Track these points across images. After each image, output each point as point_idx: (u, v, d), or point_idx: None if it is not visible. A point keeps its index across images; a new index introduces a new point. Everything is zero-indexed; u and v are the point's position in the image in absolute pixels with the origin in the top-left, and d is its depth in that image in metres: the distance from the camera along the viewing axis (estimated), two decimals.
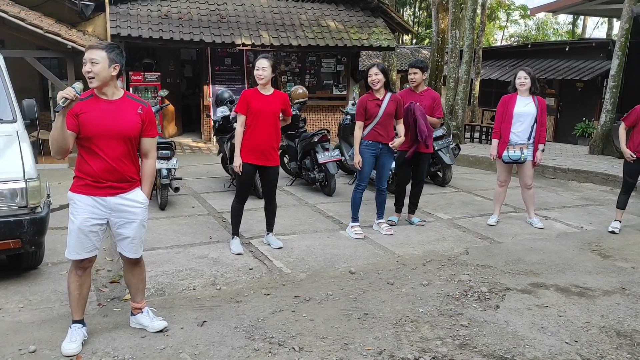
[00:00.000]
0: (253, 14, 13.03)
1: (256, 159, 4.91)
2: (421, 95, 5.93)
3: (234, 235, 5.16)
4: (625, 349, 3.39)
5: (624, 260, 5.08)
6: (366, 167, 5.51)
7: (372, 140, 5.45)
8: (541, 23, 41.16)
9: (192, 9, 12.66)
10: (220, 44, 12.00)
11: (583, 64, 14.96)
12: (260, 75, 4.85)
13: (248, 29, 12.46)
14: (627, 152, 5.83)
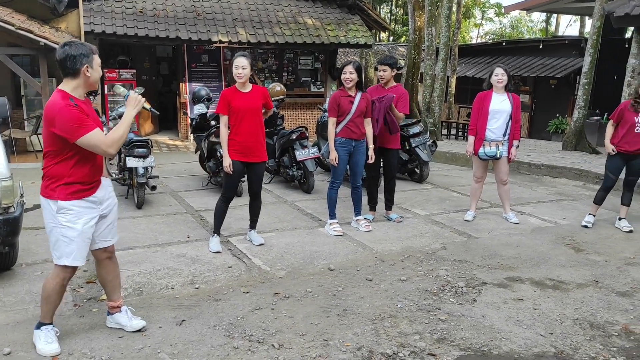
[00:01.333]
0: (230, 11, 12.94)
1: (245, 156, 4.90)
2: (389, 91, 5.92)
3: (215, 233, 5.13)
4: (599, 340, 3.47)
5: (597, 253, 5.19)
6: (340, 165, 5.54)
7: (346, 138, 5.48)
8: (515, 21, 41.67)
9: (167, 5, 12.52)
10: (196, 40, 11.90)
11: (556, 61, 15.20)
12: (240, 74, 4.82)
13: (225, 25, 12.38)
14: (610, 146, 5.93)
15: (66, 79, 3.04)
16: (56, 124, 2.90)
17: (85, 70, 3.00)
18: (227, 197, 5.06)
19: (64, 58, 2.97)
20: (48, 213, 3.10)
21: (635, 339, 3.50)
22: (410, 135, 8.13)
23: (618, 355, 3.28)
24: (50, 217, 3.10)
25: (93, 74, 3.05)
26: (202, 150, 7.75)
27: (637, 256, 5.12)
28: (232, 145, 4.89)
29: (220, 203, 5.07)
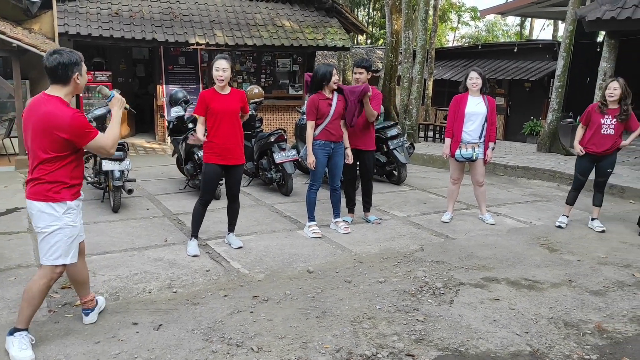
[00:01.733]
0: (207, 13, 12.88)
1: (223, 159, 4.87)
2: None
3: (193, 237, 5.09)
4: (573, 338, 3.53)
5: (571, 253, 5.29)
6: (319, 167, 5.55)
7: (325, 140, 5.50)
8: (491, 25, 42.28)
9: (143, 7, 12.40)
10: (173, 43, 11.81)
11: (531, 64, 15.46)
12: (220, 77, 4.80)
13: (202, 28, 12.31)
14: (578, 147, 6.07)
15: (56, 86, 3.13)
16: (68, 131, 3.03)
17: (75, 77, 3.14)
18: (205, 200, 5.02)
19: (55, 66, 3.07)
20: (49, 216, 3.13)
21: (608, 336, 3.57)
22: (388, 137, 8.19)
23: (592, 352, 3.35)
24: (52, 219, 3.14)
25: (82, 81, 3.19)
26: (180, 153, 7.69)
27: (610, 256, 5.23)
28: (210, 147, 4.86)
29: (198, 206, 5.03)
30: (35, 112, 3.09)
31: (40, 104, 3.10)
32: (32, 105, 3.15)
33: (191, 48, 12.30)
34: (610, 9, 9.12)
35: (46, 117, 3.04)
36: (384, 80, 15.13)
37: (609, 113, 5.83)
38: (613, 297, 4.23)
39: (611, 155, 5.94)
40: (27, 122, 3.13)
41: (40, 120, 3.05)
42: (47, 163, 3.10)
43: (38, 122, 3.06)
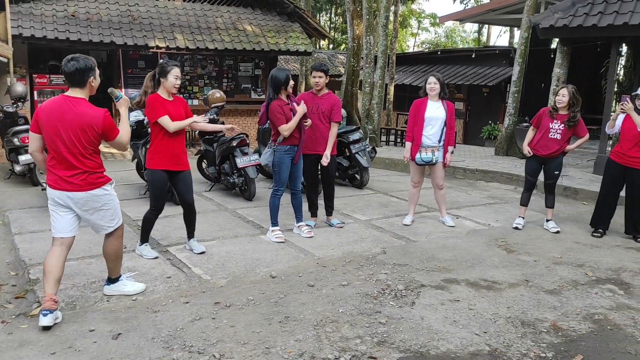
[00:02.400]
0: (167, 16, 12.72)
1: (170, 164, 4.83)
2: (322, 98, 5.97)
3: (144, 242, 5.03)
4: (529, 337, 3.63)
5: (527, 254, 5.44)
6: (285, 172, 5.55)
7: (289, 145, 5.51)
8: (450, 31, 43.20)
9: (101, 9, 12.16)
10: (132, 46, 11.62)
11: (488, 70, 15.85)
12: (177, 85, 4.81)
13: (162, 31, 12.15)
14: (526, 148, 6.28)
15: (75, 89, 3.62)
16: (102, 127, 3.64)
17: (91, 81, 3.64)
18: (157, 208, 4.95)
19: (73, 72, 3.57)
20: (104, 197, 3.80)
21: (563, 334, 3.69)
22: (350, 141, 8.25)
23: (547, 350, 3.45)
24: (108, 198, 3.84)
25: (95, 83, 3.69)
26: (139, 158, 7.55)
27: (564, 256, 5.40)
28: (158, 153, 4.80)
29: (150, 215, 4.96)
30: (66, 113, 3.55)
31: (70, 105, 3.57)
32: (55, 106, 3.58)
33: (151, 51, 12.12)
34: (563, 17, 9.44)
35: (83, 117, 3.57)
36: (346, 85, 15.23)
37: (558, 118, 6.04)
38: (567, 296, 4.37)
39: (557, 158, 6.14)
40: (54, 121, 3.55)
41: (76, 119, 3.55)
42: (89, 156, 3.68)
43: (74, 121, 3.55)
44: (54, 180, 3.68)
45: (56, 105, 3.58)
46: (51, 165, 3.69)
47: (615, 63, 9.96)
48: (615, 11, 8.86)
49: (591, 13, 9.14)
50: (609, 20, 8.83)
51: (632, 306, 4.20)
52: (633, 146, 5.81)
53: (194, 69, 13.52)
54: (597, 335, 3.69)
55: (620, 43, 10.35)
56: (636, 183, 5.90)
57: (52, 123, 3.55)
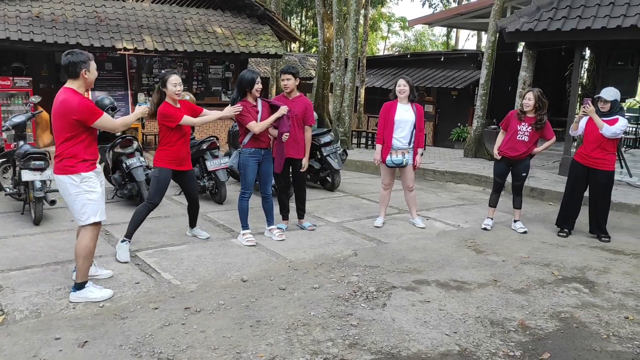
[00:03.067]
0: (135, 18, 12.53)
1: (177, 165, 5.23)
2: (294, 101, 5.95)
3: (127, 239, 5.07)
4: (498, 336, 3.69)
5: (496, 254, 5.52)
6: (250, 175, 5.54)
7: (255, 148, 5.51)
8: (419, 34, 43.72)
9: (66, 10, 11.91)
10: (99, 48, 11.40)
11: (457, 73, 16.07)
12: (178, 91, 5.14)
13: (130, 33, 11.96)
14: (495, 150, 6.39)
15: (70, 80, 3.95)
16: (76, 112, 3.83)
17: (83, 73, 3.92)
18: (154, 203, 5.20)
19: (67, 64, 3.90)
20: (70, 186, 3.96)
21: (531, 333, 3.75)
22: (322, 144, 8.26)
23: (516, 349, 3.50)
24: (73, 188, 3.97)
25: (90, 76, 3.98)
26: (107, 162, 7.41)
27: (531, 255, 5.51)
28: (168, 155, 5.16)
29: (143, 208, 5.18)
30: (55, 101, 3.91)
31: (59, 94, 3.92)
32: (55, 97, 3.96)
33: (118, 53, 11.93)
34: (528, 21, 9.64)
35: (62, 104, 3.87)
36: (317, 88, 15.26)
37: (526, 121, 6.16)
38: (535, 295, 4.45)
39: (524, 160, 6.27)
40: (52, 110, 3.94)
41: (57, 106, 3.89)
42: (66, 142, 3.91)
43: (56, 109, 3.89)
44: None
45: (56, 95, 3.98)
46: None
47: (578, 66, 10.22)
48: (579, 16, 9.10)
49: (555, 18, 9.36)
50: (573, 25, 9.05)
51: (597, 304, 4.30)
52: (596, 147, 5.96)
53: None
54: (563, 333, 3.77)
55: (584, 47, 10.62)
56: (599, 183, 6.05)
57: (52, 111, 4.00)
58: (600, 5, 9.08)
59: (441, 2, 31.66)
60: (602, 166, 5.99)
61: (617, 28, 8.62)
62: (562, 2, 9.55)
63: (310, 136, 6.12)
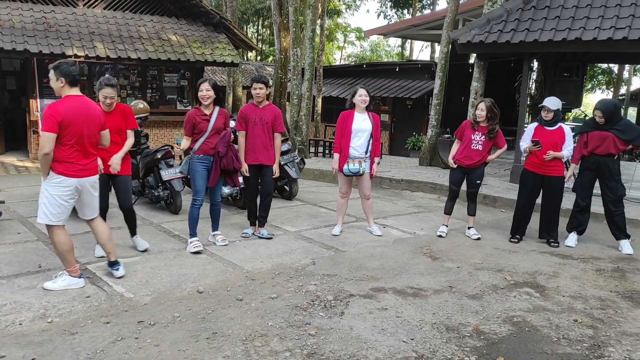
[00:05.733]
0: (86, 24, 12.22)
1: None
2: (264, 109, 6.05)
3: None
4: (454, 342, 3.74)
5: (451, 260, 5.62)
6: (200, 181, 5.54)
7: (204, 154, 5.52)
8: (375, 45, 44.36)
9: (13, 15, 11.50)
10: (48, 54, 11.05)
11: (411, 83, 16.39)
12: (107, 102, 5.14)
13: (80, 39, 11.65)
14: (451, 159, 6.52)
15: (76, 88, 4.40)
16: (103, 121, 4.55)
17: None
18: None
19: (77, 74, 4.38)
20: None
21: (485, 338, 3.83)
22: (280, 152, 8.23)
23: (471, 354, 3.56)
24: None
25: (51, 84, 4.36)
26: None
27: (485, 261, 5.63)
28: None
29: None
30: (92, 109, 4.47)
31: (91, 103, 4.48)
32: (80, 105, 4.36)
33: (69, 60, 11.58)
34: (479, 33, 9.92)
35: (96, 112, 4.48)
36: (274, 97, 15.25)
37: (479, 130, 6.32)
38: (488, 300, 4.55)
39: (479, 168, 6.43)
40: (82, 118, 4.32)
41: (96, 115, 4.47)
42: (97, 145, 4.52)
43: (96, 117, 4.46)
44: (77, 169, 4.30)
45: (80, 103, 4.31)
46: (73, 157, 4.26)
47: (527, 77, 10.58)
48: (527, 29, 9.43)
49: (504, 30, 9.67)
50: (521, 37, 9.37)
51: (547, 308, 4.43)
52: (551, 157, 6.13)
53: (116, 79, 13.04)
54: (516, 337, 3.86)
55: (532, 59, 11.00)
56: (555, 189, 6.25)
57: (79, 120, 4.24)
58: (546, 18, 9.44)
59: (396, 14, 32.27)
60: (555, 172, 6.20)
61: (563, 41, 8.97)
62: (511, 15, 9.88)
63: (280, 143, 6.27)
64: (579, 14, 9.23)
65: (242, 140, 6.04)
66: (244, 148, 6.02)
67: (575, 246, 6.28)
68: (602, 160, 6.10)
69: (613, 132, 6.01)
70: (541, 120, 6.21)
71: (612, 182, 6.14)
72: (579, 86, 11.13)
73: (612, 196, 6.16)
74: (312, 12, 13.81)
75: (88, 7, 12.91)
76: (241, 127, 6.03)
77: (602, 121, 6.04)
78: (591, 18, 9.04)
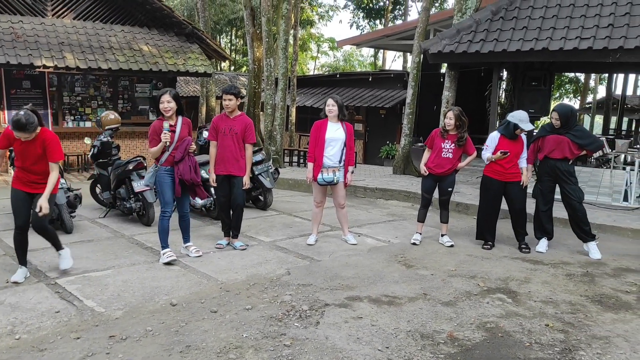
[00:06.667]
0: (55, 35, 12.04)
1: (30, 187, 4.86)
2: (235, 120, 6.03)
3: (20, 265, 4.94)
4: (429, 349, 3.76)
5: (425, 268, 5.66)
6: (168, 192, 5.52)
7: (170, 166, 5.50)
8: (348, 55, 44.69)
9: None
10: (16, 65, 10.86)
11: (384, 92, 16.55)
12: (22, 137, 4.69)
13: (49, 50, 11.47)
14: (422, 168, 6.60)
15: None
16: None
17: None
18: (18, 226, 4.85)
19: None
20: None
21: (459, 344, 3.86)
22: (253, 163, 8.20)
23: None
24: None
25: None
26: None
27: (458, 268, 5.69)
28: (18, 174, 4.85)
29: (15, 234, 4.87)
30: None
31: None
32: None
33: (37, 71, 11.39)
34: (449, 44, 10.10)
35: None
36: (248, 107, 15.22)
37: (449, 138, 6.42)
38: (462, 306, 4.59)
39: (450, 175, 6.52)
40: None
41: None
42: None
43: None
44: None
45: None
46: None
47: (497, 87, 10.80)
48: (495, 39, 9.63)
49: (474, 40, 9.86)
50: (490, 47, 9.57)
51: (520, 313, 4.49)
52: (513, 165, 6.30)
53: (86, 90, 12.87)
54: (489, 343, 3.90)
55: (501, 68, 11.25)
56: (518, 194, 6.38)
57: None
58: (514, 29, 9.67)
59: (368, 25, 32.59)
60: (516, 178, 6.33)
61: (530, 51, 9.19)
62: (480, 26, 10.08)
63: (251, 154, 6.25)
64: (546, 24, 9.47)
65: (213, 151, 6.03)
66: (214, 158, 6.01)
67: (545, 252, 6.40)
68: (558, 164, 6.29)
69: (569, 137, 6.22)
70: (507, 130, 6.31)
71: (571, 185, 6.32)
72: (547, 95, 11.40)
73: (575, 198, 6.31)
74: (285, 22, 13.86)
75: (57, 17, 12.73)
76: (212, 137, 6.03)
77: (558, 123, 6.23)
78: (557, 29, 9.29)
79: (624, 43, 8.48)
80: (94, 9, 13.17)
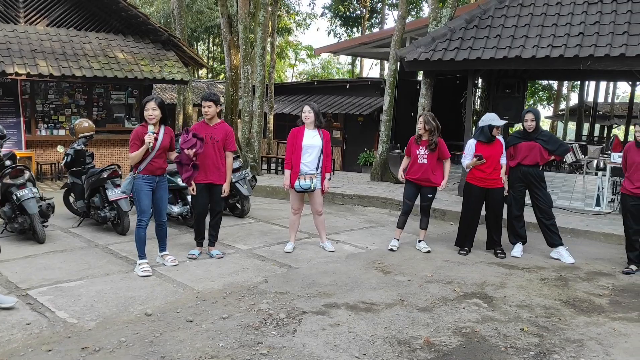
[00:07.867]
0: (28, 41, 11.83)
1: None
2: (215, 128, 6.00)
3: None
4: (405, 355, 3.77)
5: (402, 274, 5.68)
6: (145, 200, 5.44)
7: (149, 174, 5.42)
8: (326, 62, 44.89)
9: None
10: None
11: (362, 100, 16.63)
12: None
13: (22, 57, 11.26)
14: (400, 174, 6.65)
15: None
16: None
17: None
18: None
19: None
20: None
21: (436, 350, 3.87)
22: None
23: None
24: None
25: None
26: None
27: (435, 274, 5.72)
28: None
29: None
30: None
31: None
32: None
33: (9, 78, 11.17)
34: (425, 51, 10.19)
35: None
36: (226, 114, 15.11)
37: (422, 144, 6.49)
38: (439, 312, 4.62)
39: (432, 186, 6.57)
40: None
41: None
42: None
43: None
44: None
45: None
46: None
47: (472, 94, 10.92)
48: (470, 47, 9.75)
49: (449, 48, 9.97)
50: (465, 55, 9.69)
51: (495, 318, 4.53)
52: (493, 170, 6.38)
53: (59, 98, 12.68)
54: (465, 348, 3.93)
55: (476, 76, 11.36)
56: (497, 200, 6.46)
57: None
58: (488, 37, 9.81)
59: (345, 32, 32.78)
60: (497, 184, 6.42)
61: (504, 58, 9.33)
62: (454, 34, 10.21)
63: (232, 161, 6.21)
64: (518, 33, 9.63)
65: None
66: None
67: (521, 256, 6.48)
68: (530, 170, 6.43)
69: (539, 142, 6.38)
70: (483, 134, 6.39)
71: (542, 191, 6.45)
72: (521, 102, 11.56)
73: (545, 204, 6.43)
74: (262, 30, 13.85)
75: (30, 24, 12.53)
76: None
77: (533, 125, 6.38)
78: (530, 37, 9.45)
79: (594, 51, 8.66)
80: (68, 15, 13.00)
